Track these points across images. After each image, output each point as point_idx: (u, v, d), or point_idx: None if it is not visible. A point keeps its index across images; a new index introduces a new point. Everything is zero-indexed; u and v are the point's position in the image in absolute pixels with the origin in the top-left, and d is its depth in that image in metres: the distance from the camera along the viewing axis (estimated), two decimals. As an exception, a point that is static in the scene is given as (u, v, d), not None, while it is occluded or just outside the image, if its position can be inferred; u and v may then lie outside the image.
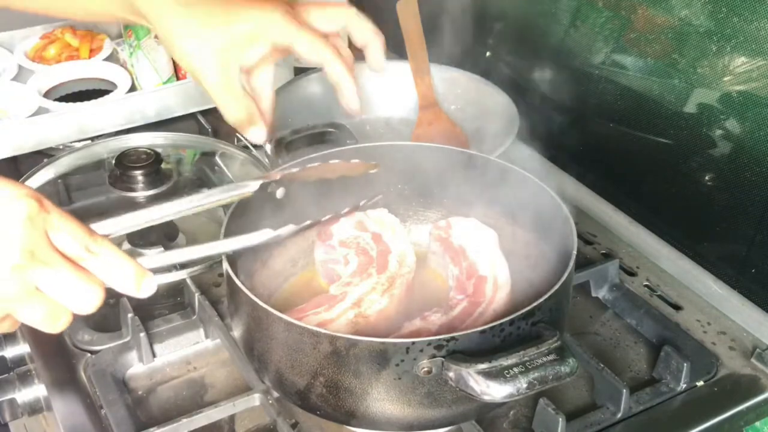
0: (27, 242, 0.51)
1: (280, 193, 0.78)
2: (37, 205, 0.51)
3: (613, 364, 0.79)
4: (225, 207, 0.73)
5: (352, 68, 0.75)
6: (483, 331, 0.60)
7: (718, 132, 0.85)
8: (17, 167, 1.05)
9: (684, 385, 0.76)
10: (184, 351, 0.80)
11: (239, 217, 0.73)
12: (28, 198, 0.51)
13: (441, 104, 1.11)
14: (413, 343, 0.58)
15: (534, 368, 0.57)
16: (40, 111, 1.09)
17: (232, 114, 0.74)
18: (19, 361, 0.84)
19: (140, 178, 0.90)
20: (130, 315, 0.78)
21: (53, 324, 0.54)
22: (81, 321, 0.81)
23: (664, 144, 0.92)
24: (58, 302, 0.53)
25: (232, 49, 0.70)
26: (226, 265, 0.67)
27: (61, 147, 1.08)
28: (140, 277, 0.57)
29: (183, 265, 0.86)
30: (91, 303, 0.54)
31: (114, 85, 1.16)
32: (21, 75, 1.19)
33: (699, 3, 0.82)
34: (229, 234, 0.69)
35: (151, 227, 0.67)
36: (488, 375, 0.56)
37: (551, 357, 0.58)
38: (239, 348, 0.74)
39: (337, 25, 0.75)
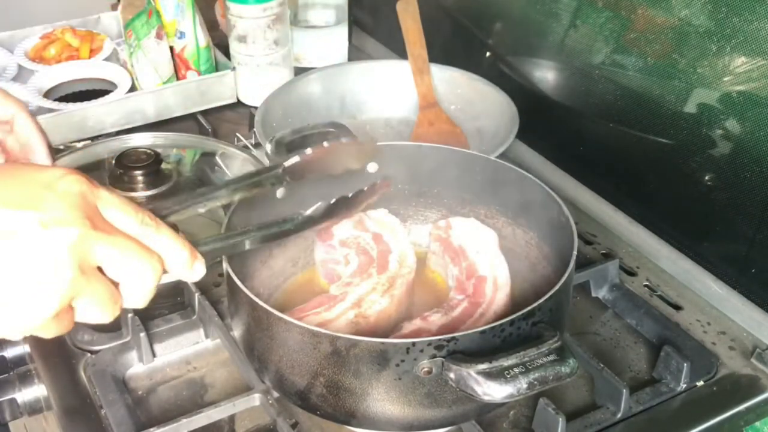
0: (85, 213, 0.48)
1: (280, 193, 0.78)
2: (87, 181, 0.50)
3: (613, 364, 0.79)
4: (226, 207, 0.73)
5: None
6: (483, 332, 0.60)
7: (718, 132, 0.85)
8: (17, 167, 1.05)
9: (684, 385, 0.76)
10: (184, 351, 0.80)
11: (240, 217, 0.73)
12: (77, 174, 0.50)
13: (441, 104, 1.11)
14: (414, 343, 0.58)
15: (534, 368, 0.57)
16: (40, 111, 1.09)
17: None
18: (19, 361, 0.84)
19: (140, 178, 0.90)
20: (130, 315, 0.78)
21: (112, 310, 0.50)
22: (81, 321, 0.81)
23: (664, 144, 0.91)
24: (112, 291, 0.50)
25: None
26: (226, 265, 0.67)
27: (61, 147, 1.08)
28: (193, 257, 0.54)
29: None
30: (151, 280, 0.51)
31: (114, 85, 1.17)
32: (21, 75, 1.19)
33: (699, 3, 0.82)
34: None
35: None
36: (488, 375, 0.56)
37: (551, 357, 0.58)
38: (239, 348, 0.74)
39: None
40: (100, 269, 0.50)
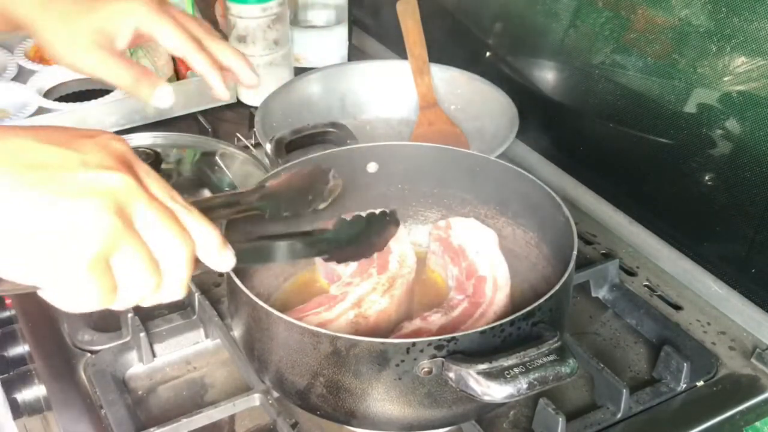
0: (127, 166, 0.46)
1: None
2: (128, 145, 0.48)
3: (613, 364, 0.79)
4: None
5: (215, 60, 0.74)
6: (483, 332, 0.60)
7: (718, 132, 0.85)
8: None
9: (684, 385, 0.76)
10: (184, 351, 0.80)
11: (240, 218, 0.73)
12: (119, 137, 0.49)
13: (441, 104, 1.11)
14: (414, 343, 0.58)
15: (534, 369, 0.57)
16: (40, 111, 1.09)
17: (122, 80, 0.70)
18: (19, 361, 0.84)
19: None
20: (130, 315, 0.77)
21: (152, 277, 0.47)
22: (81, 321, 0.81)
23: (664, 144, 0.91)
24: (152, 255, 0.47)
25: (96, 35, 0.69)
26: (226, 266, 0.67)
27: (61, 147, 1.08)
28: (224, 244, 0.52)
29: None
30: (185, 258, 0.48)
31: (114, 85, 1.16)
32: (21, 75, 1.19)
33: (699, 3, 0.82)
34: (228, 234, 0.69)
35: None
36: (488, 375, 0.56)
37: (551, 357, 0.58)
38: (239, 348, 0.74)
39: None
40: None
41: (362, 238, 0.73)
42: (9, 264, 0.44)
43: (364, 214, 0.75)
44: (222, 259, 0.52)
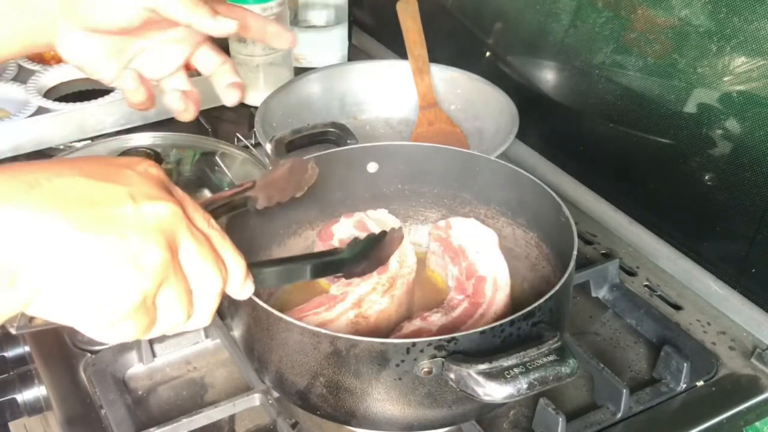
0: (169, 193, 0.46)
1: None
2: (163, 171, 0.47)
3: (613, 364, 0.79)
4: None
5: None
6: (483, 332, 0.59)
7: (718, 132, 0.85)
8: (17, 167, 1.05)
9: (684, 385, 0.76)
10: (184, 351, 0.80)
11: (241, 217, 0.73)
12: (153, 161, 0.48)
13: (441, 104, 1.11)
14: (414, 343, 0.58)
15: (534, 369, 0.57)
16: (40, 111, 1.09)
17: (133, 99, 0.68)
18: (19, 361, 0.84)
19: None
20: (130, 315, 0.77)
21: (187, 311, 0.46)
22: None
23: (664, 144, 0.92)
24: (189, 287, 0.46)
25: (115, 40, 0.63)
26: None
27: (61, 147, 1.08)
28: (247, 274, 0.51)
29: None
30: (217, 289, 0.47)
31: (114, 85, 1.16)
32: (21, 75, 1.19)
33: (699, 3, 0.82)
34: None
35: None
36: (489, 375, 0.56)
37: (551, 357, 0.58)
38: (239, 348, 0.74)
39: None
40: None
41: (372, 253, 0.72)
42: (56, 306, 0.42)
43: (376, 231, 0.76)
44: (244, 290, 0.52)
